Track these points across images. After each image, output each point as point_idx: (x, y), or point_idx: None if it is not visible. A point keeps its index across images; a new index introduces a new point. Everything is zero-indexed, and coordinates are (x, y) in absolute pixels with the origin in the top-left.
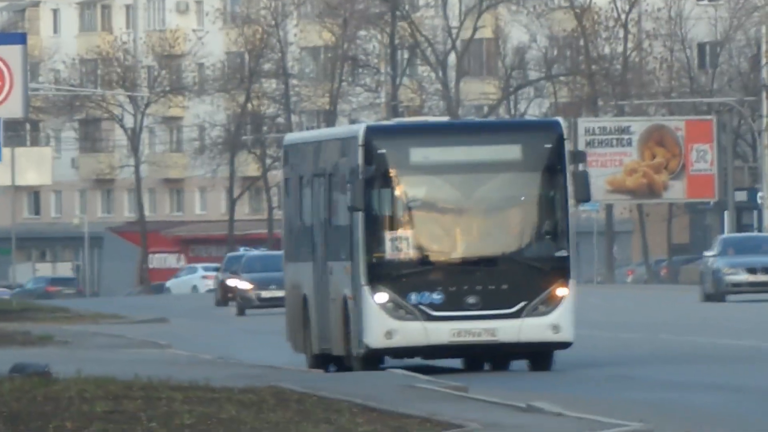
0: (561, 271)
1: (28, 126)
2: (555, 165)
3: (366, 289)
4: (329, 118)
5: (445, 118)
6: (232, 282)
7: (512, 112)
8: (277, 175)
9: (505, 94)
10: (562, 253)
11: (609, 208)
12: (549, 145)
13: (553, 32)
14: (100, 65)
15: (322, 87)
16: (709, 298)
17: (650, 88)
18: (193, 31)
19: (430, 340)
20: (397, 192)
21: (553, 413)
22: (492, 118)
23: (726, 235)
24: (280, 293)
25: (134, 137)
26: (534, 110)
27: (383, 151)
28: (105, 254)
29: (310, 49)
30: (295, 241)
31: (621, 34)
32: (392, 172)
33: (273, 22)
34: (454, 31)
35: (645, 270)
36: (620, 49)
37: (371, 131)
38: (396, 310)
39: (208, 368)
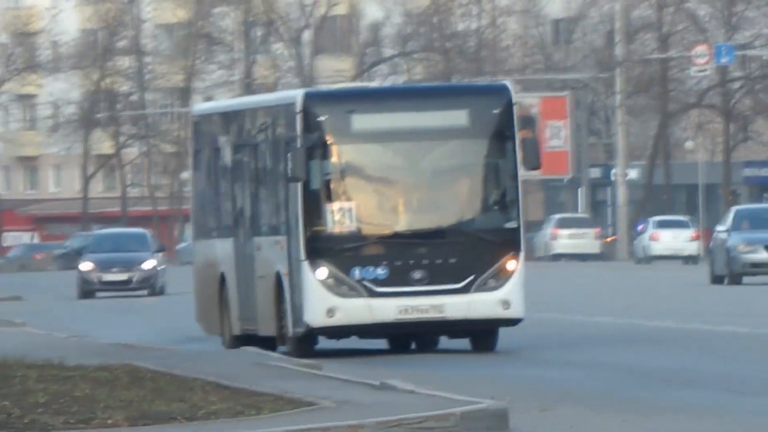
0: (511, 243)
1: None
2: (504, 131)
3: (305, 265)
4: (184, 95)
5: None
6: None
7: None
8: (130, 152)
9: (359, 70)
10: (512, 224)
11: None
12: (497, 111)
13: (408, 9)
14: None
15: (176, 64)
16: (718, 280)
17: (505, 64)
18: (47, 9)
19: (375, 318)
20: (339, 161)
21: (406, 390)
22: (438, 83)
23: (740, 206)
24: (122, 276)
25: None
26: None
27: (323, 118)
28: None
29: (165, 26)
30: (208, 216)
31: (475, 10)
32: (333, 141)
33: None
34: (309, 8)
35: None
36: (475, 25)
37: (310, 97)
38: (338, 286)
39: (62, 347)
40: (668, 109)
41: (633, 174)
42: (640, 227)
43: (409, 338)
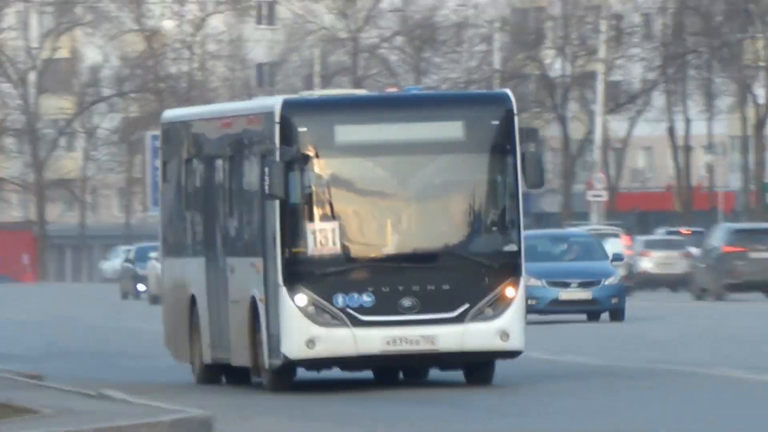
0: (510, 268)
1: None
2: (504, 144)
3: (283, 290)
4: None
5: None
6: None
7: (86, 126)
8: None
9: (80, 108)
10: (512, 247)
11: None
12: (496, 121)
13: (125, 53)
14: None
15: None
16: None
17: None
18: None
19: (359, 350)
20: (321, 177)
21: (121, 400)
22: (432, 91)
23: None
24: None
25: None
26: (107, 124)
27: (304, 129)
28: None
29: None
30: (178, 233)
31: (187, 54)
32: (315, 154)
33: None
34: (35, 51)
35: None
36: (186, 68)
37: (290, 106)
38: (319, 314)
39: None
40: None
41: None
42: None
43: (396, 369)
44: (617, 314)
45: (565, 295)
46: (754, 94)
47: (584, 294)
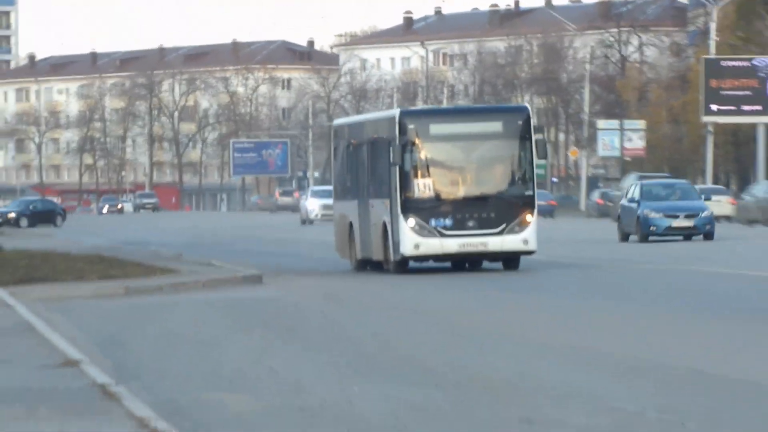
0: (529, 204)
1: None
2: (525, 134)
3: (401, 217)
4: None
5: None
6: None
7: (202, 137)
8: None
9: (198, 129)
10: (530, 192)
11: None
12: (520, 122)
13: (219, 102)
14: None
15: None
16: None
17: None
18: None
19: (444, 250)
20: (421, 153)
21: (219, 266)
22: (484, 104)
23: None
24: None
25: None
26: (211, 136)
27: (412, 126)
28: None
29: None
30: (342, 187)
31: (248, 104)
32: (418, 140)
33: None
34: (178, 102)
35: None
36: (247, 110)
37: (404, 114)
38: (421, 230)
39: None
40: None
41: None
42: None
43: (464, 262)
44: (709, 236)
45: (675, 223)
46: None
47: (689, 222)
